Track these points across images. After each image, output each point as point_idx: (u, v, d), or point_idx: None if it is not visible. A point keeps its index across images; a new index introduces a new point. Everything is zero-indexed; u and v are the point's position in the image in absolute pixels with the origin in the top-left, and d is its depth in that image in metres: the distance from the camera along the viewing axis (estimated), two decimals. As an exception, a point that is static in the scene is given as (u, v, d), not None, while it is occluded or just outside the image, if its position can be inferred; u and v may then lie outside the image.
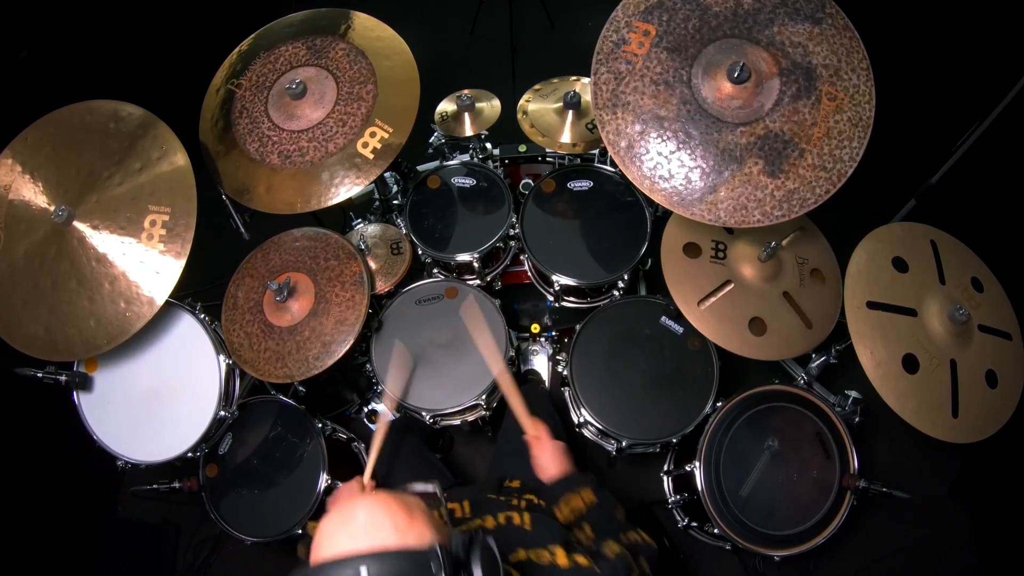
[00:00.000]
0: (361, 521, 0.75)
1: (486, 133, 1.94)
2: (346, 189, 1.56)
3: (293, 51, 1.71)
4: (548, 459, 1.28)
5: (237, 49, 1.77)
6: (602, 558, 0.98)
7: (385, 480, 1.49)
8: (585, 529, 1.13)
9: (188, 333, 1.67)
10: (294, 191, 1.59)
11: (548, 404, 1.74)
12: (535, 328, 2.18)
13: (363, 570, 0.70)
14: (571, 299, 1.92)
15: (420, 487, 0.93)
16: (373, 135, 1.58)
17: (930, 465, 2.17)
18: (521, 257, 2.00)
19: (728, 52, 1.33)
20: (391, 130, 1.59)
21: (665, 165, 1.32)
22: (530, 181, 2.01)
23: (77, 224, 1.50)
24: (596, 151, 1.92)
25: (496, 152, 2.06)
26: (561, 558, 0.95)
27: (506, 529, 1.04)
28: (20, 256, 1.52)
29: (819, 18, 1.33)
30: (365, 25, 1.72)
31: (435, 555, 0.73)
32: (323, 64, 1.68)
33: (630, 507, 2.04)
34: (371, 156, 1.57)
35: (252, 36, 1.78)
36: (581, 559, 0.95)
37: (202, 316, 1.69)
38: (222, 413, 1.64)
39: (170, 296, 1.50)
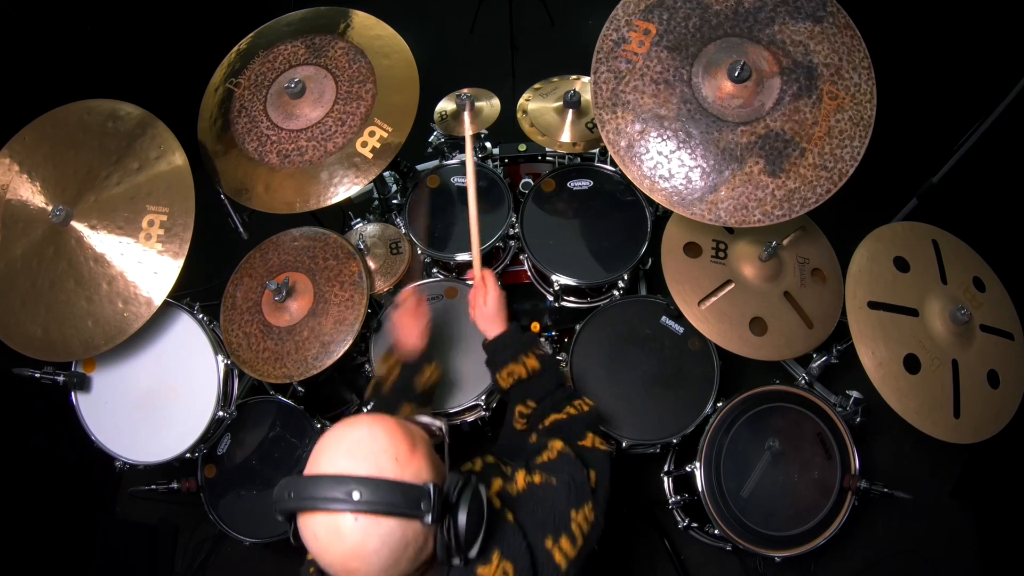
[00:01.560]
0: (364, 443, 0.75)
1: (486, 132, 1.93)
2: (345, 188, 1.56)
3: (292, 50, 1.71)
4: (492, 307, 1.23)
5: (236, 48, 1.76)
6: (550, 468, 0.98)
7: None
8: (528, 403, 1.16)
9: (186, 333, 1.67)
10: (293, 190, 1.58)
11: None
12: (535, 327, 2.16)
13: (355, 493, 0.70)
14: (571, 299, 1.91)
15: (427, 419, 0.93)
16: (372, 134, 1.58)
17: (931, 466, 2.16)
18: (521, 257, 1.99)
19: (729, 51, 1.33)
20: (390, 129, 1.58)
21: (665, 164, 1.32)
22: (530, 180, 2.00)
23: (75, 224, 1.49)
24: (596, 150, 1.91)
25: (496, 151, 2.05)
26: (520, 481, 0.97)
27: (492, 466, 1.06)
28: (18, 256, 1.51)
29: (820, 17, 1.32)
30: (364, 24, 1.72)
31: (427, 494, 0.73)
32: (322, 63, 1.67)
33: (631, 508, 2.04)
34: (370, 155, 1.57)
35: (251, 35, 1.77)
36: (536, 477, 0.96)
37: (200, 316, 1.68)
38: (220, 413, 1.64)
39: (168, 296, 1.49)
